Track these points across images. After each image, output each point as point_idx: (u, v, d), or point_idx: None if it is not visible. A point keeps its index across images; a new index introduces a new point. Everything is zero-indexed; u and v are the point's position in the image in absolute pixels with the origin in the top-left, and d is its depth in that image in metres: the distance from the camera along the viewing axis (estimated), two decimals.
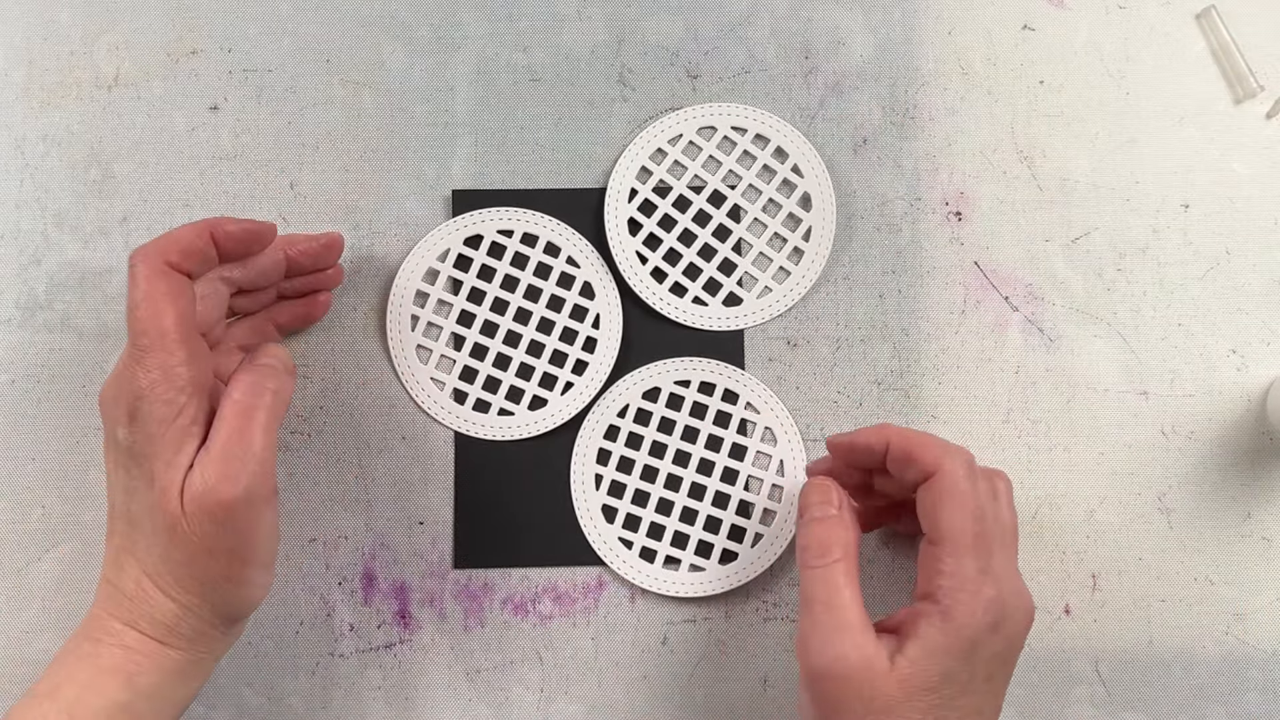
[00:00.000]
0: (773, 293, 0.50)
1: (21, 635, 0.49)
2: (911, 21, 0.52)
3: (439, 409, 0.49)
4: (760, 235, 0.50)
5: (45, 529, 0.49)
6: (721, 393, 0.49)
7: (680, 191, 0.50)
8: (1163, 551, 0.49)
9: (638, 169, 0.50)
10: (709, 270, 0.50)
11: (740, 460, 0.49)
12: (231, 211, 0.50)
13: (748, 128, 0.51)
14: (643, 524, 0.49)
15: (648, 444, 0.49)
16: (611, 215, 0.50)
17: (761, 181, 0.51)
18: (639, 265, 0.50)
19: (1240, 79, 0.51)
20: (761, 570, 0.49)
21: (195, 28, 0.51)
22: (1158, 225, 0.51)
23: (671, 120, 0.51)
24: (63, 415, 0.49)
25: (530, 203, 0.50)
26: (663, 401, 0.50)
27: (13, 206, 0.50)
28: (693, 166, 0.51)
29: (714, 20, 0.52)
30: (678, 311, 0.50)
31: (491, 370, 0.50)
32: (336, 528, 0.49)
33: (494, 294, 0.50)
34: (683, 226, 0.50)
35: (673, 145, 0.51)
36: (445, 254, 0.50)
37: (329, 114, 0.51)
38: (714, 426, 0.49)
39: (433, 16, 0.51)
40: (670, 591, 0.49)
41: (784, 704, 0.49)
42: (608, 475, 0.49)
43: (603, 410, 0.49)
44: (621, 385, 0.49)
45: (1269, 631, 0.49)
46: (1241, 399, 0.50)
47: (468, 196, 0.50)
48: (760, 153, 0.51)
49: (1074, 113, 0.51)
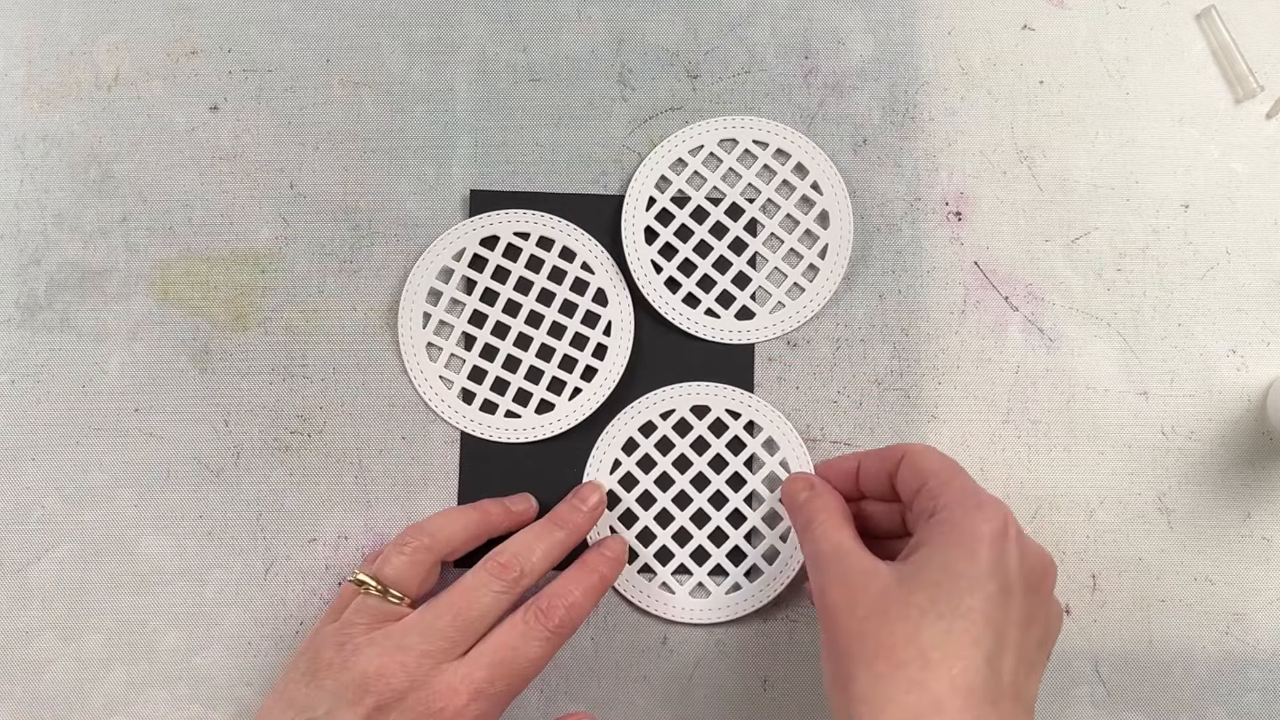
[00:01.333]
0: (786, 308, 0.50)
1: (21, 635, 0.49)
2: (911, 21, 0.52)
3: (446, 407, 0.49)
4: (776, 250, 0.50)
5: (45, 529, 0.49)
6: (746, 423, 0.49)
7: (699, 202, 0.50)
8: (1163, 551, 0.49)
9: (657, 177, 0.50)
10: (723, 283, 0.50)
11: (749, 490, 0.49)
12: (231, 210, 0.50)
13: (769, 142, 0.50)
14: (654, 543, 0.49)
15: (663, 464, 0.49)
16: (629, 222, 0.50)
17: (780, 196, 0.50)
18: (653, 274, 0.50)
19: (1240, 79, 0.51)
20: (763, 603, 0.48)
21: (195, 28, 0.51)
22: (1158, 225, 0.51)
23: (693, 131, 0.50)
24: (63, 415, 0.49)
25: (547, 206, 0.50)
26: (679, 424, 0.49)
27: (13, 206, 0.50)
28: (712, 178, 0.50)
29: (714, 20, 0.52)
30: (690, 322, 0.50)
31: (500, 372, 0.50)
32: (336, 528, 0.49)
33: (507, 296, 0.50)
34: (699, 238, 0.50)
35: (694, 156, 0.51)
36: (461, 253, 0.50)
37: (329, 114, 0.51)
38: (729, 453, 0.49)
39: (433, 16, 0.51)
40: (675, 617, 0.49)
41: (784, 704, 0.49)
42: (620, 492, 0.49)
43: (622, 424, 0.49)
44: (641, 404, 0.49)
45: (1269, 631, 0.49)
46: (1241, 399, 0.50)
47: (485, 197, 0.50)
48: (780, 168, 0.50)
49: (1074, 113, 0.51)
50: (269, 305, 0.50)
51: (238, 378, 0.50)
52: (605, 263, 0.50)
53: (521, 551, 0.44)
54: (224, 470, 0.49)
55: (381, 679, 0.39)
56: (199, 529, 0.49)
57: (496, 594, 0.43)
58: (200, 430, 0.49)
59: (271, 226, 0.50)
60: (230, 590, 0.49)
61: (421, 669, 0.40)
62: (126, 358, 0.50)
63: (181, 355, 0.50)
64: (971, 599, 0.36)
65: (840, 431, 0.50)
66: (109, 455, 0.49)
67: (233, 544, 0.49)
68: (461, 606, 0.42)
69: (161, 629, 0.49)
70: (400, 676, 0.40)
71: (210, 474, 0.49)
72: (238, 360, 0.50)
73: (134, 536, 0.49)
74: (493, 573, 0.43)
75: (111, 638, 0.49)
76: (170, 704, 0.49)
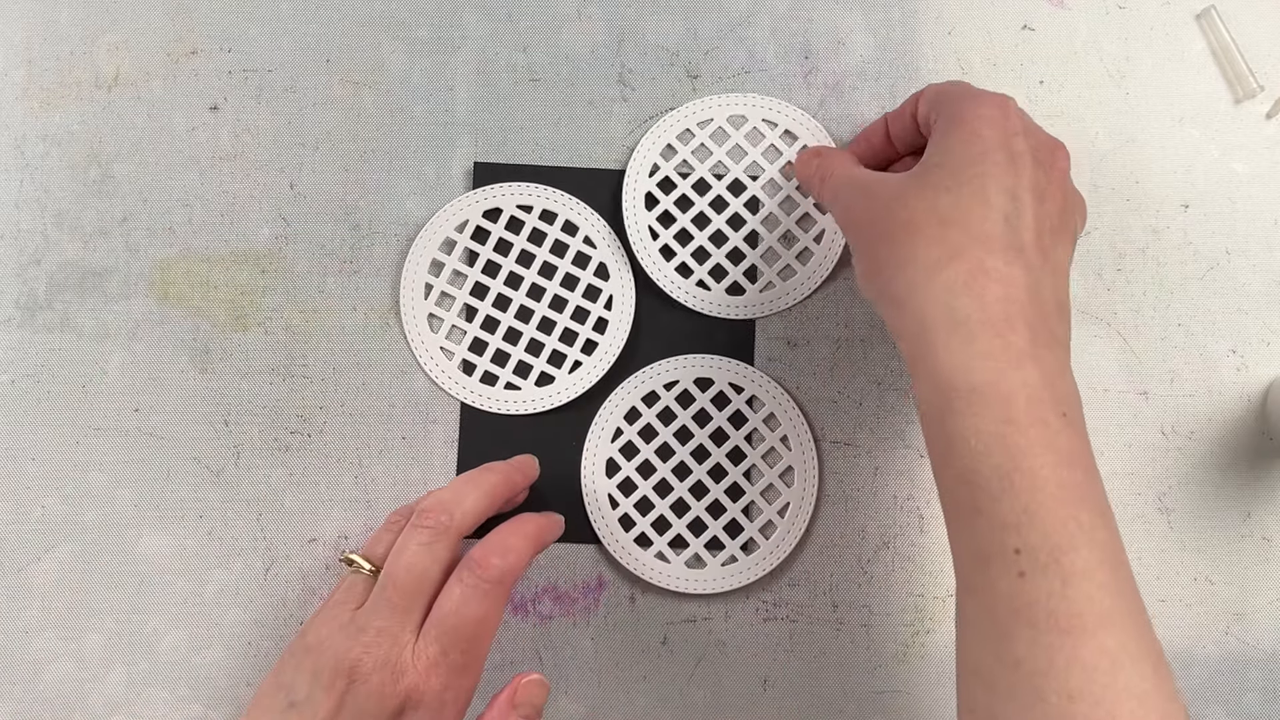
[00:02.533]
0: (776, 288, 0.50)
1: (21, 635, 0.49)
2: (911, 21, 0.52)
3: (446, 378, 0.49)
4: (774, 230, 0.50)
5: (45, 529, 0.49)
6: (748, 398, 0.49)
7: (701, 174, 0.51)
8: (1163, 551, 0.49)
9: (663, 146, 0.51)
10: (717, 256, 0.50)
11: (748, 465, 0.49)
12: (231, 210, 0.50)
13: (778, 122, 0.51)
14: (651, 513, 0.49)
15: (662, 436, 0.49)
16: (630, 188, 0.50)
17: (782, 177, 0.51)
18: (649, 240, 0.50)
19: (1240, 79, 0.51)
20: (758, 576, 0.49)
21: (195, 28, 0.51)
22: (1158, 225, 0.51)
23: (701, 105, 0.51)
24: (63, 415, 0.49)
25: (551, 179, 0.50)
26: (681, 396, 0.50)
27: (13, 206, 0.50)
28: (718, 152, 0.51)
29: (714, 20, 0.52)
30: (678, 290, 0.50)
31: (501, 344, 0.50)
32: (336, 528, 0.49)
33: (509, 268, 0.50)
34: (699, 209, 0.50)
35: (701, 129, 0.51)
36: (463, 225, 0.50)
37: (329, 114, 0.51)
38: (731, 427, 0.49)
39: (433, 16, 0.51)
40: (670, 586, 0.49)
41: (784, 704, 0.49)
42: (620, 461, 0.49)
43: (622, 397, 0.50)
44: (639, 377, 0.50)
45: (1269, 631, 0.49)
46: (1241, 399, 0.50)
47: (489, 170, 0.50)
48: (787, 149, 0.51)
49: (1074, 113, 0.51)
50: (269, 305, 0.50)
51: (238, 378, 0.50)
52: (607, 238, 0.50)
53: (448, 498, 0.42)
54: (224, 470, 0.49)
55: (348, 661, 0.39)
56: (199, 529, 0.49)
57: (422, 545, 0.40)
58: (200, 430, 0.49)
59: (271, 226, 0.50)
60: (230, 590, 0.49)
61: (381, 648, 0.39)
62: (126, 358, 0.50)
63: (181, 355, 0.50)
64: (978, 168, 0.38)
65: (840, 431, 0.50)
66: (109, 455, 0.49)
67: (233, 544, 0.49)
68: (395, 572, 0.40)
69: (161, 629, 0.49)
70: (365, 658, 0.39)
71: (210, 474, 0.49)
72: (238, 360, 0.50)
73: (134, 536, 0.49)
74: (416, 523, 0.41)
75: (111, 638, 0.49)
76: (170, 704, 0.49)
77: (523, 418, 0.50)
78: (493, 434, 0.50)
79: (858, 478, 0.49)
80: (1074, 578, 0.34)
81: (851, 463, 0.50)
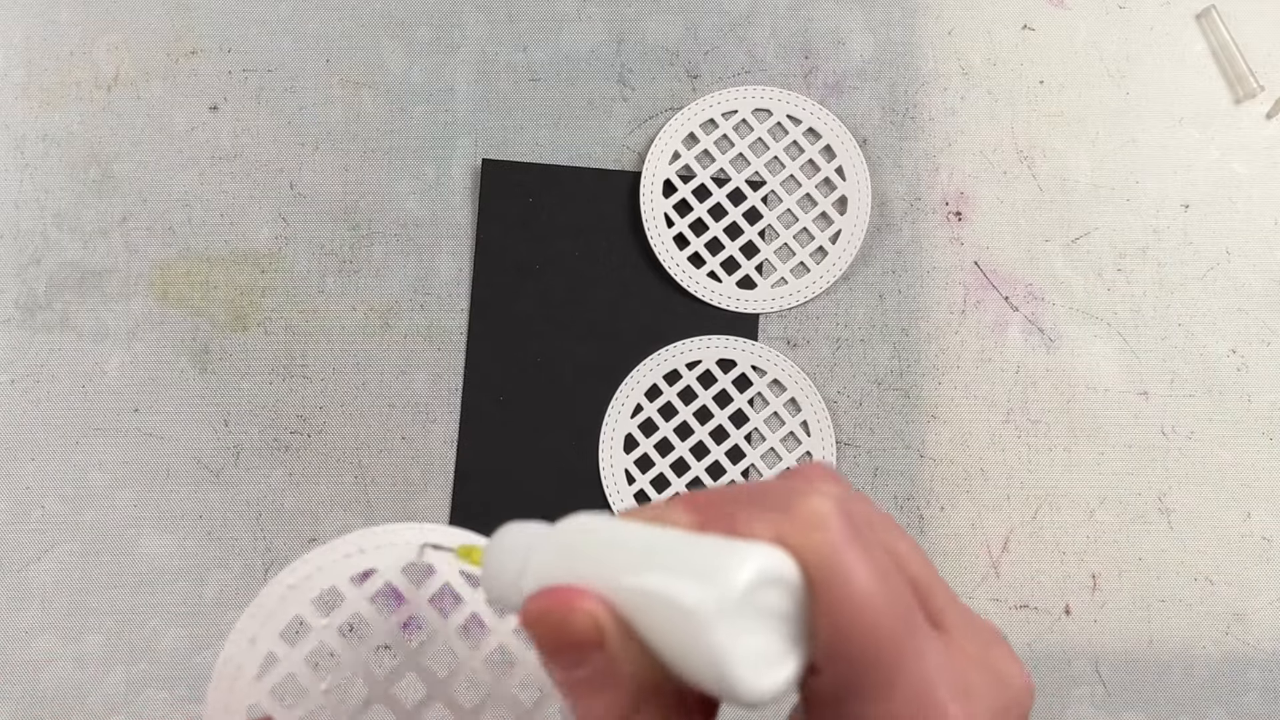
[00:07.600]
0: (787, 285, 0.50)
1: (21, 635, 0.49)
2: (911, 21, 0.52)
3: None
4: (790, 227, 0.50)
5: (45, 529, 0.49)
6: (770, 380, 0.50)
7: (721, 165, 0.51)
8: (1163, 551, 0.49)
9: (685, 134, 0.51)
10: (731, 249, 0.50)
11: (766, 448, 0.49)
12: (231, 210, 0.50)
13: (802, 119, 0.51)
14: (667, 491, 0.49)
15: (682, 415, 0.50)
16: (649, 173, 0.50)
17: (803, 175, 0.51)
18: (664, 228, 0.50)
19: (1240, 79, 0.51)
20: None
21: (195, 28, 0.51)
22: (1158, 225, 0.51)
23: (727, 95, 0.51)
24: (63, 415, 0.49)
25: (557, 179, 0.51)
26: (703, 375, 0.50)
27: (13, 206, 0.50)
28: (740, 144, 0.51)
29: (714, 20, 0.51)
30: (689, 279, 0.50)
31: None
32: (336, 528, 0.49)
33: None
34: (715, 200, 0.51)
35: (725, 119, 0.51)
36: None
37: (329, 114, 0.51)
38: (751, 410, 0.50)
39: (433, 16, 0.51)
40: None
41: (784, 703, 0.49)
42: (639, 437, 0.50)
43: (644, 373, 0.50)
44: (662, 355, 0.50)
45: (1269, 631, 0.49)
46: (1241, 399, 0.50)
47: (496, 167, 0.51)
48: (809, 147, 0.51)
49: (1074, 113, 0.51)
50: (269, 305, 0.50)
51: (238, 378, 0.50)
52: None
53: None
54: (224, 470, 0.49)
55: None
56: (199, 529, 0.49)
57: None
58: (200, 430, 0.49)
59: (271, 226, 0.50)
60: (230, 590, 0.49)
61: None
62: (126, 358, 0.50)
63: (181, 355, 0.50)
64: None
65: (840, 432, 0.50)
66: (109, 455, 0.49)
67: (233, 544, 0.49)
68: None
69: (161, 629, 0.49)
70: None
71: (210, 474, 0.49)
72: (238, 360, 0.50)
73: (134, 536, 0.49)
74: None
75: (111, 638, 0.49)
76: (170, 704, 0.48)
77: (523, 418, 0.50)
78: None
79: (858, 478, 0.49)
80: None
81: (851, 463, 0.50)
